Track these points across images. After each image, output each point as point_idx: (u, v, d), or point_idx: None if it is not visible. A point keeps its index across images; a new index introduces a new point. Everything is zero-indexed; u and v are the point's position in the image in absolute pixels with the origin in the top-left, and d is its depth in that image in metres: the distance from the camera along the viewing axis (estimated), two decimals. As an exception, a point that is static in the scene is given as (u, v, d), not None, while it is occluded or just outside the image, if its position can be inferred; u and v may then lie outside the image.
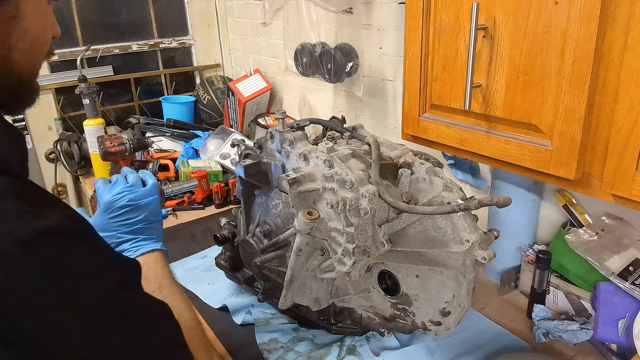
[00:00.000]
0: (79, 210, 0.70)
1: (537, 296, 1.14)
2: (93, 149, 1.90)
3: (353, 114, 1.80)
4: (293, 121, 1.10)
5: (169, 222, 1.62)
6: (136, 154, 1.84)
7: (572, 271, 1.13)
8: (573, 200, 1.19)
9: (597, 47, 0.70)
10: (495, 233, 0.90)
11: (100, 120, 1.92)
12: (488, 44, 0.84)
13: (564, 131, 0.77)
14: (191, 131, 2.22)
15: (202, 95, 2.36)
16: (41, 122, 2.15)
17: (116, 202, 0.80)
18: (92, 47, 2.17)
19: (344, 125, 1.10)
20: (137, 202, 0.82)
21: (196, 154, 2.06)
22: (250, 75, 2.23)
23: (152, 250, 0.81)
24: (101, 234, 0.67)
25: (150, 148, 1.98)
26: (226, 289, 1.26)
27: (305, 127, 1.07)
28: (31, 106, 0.63)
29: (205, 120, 2.39)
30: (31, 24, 0.57)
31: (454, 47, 0.91)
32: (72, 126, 2.21)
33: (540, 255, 1.12)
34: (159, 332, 0.59)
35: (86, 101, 1.91)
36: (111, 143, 1.72)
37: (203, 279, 1.31)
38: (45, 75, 2.12)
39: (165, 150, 2.11)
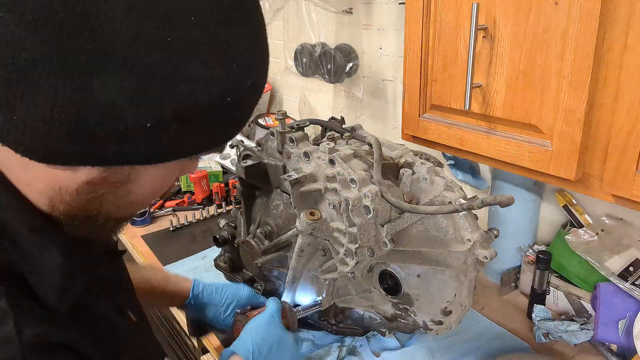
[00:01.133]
0: None
1: (537, 296, 1.15)
2: (93, 150, 1.90)
3: (353, 114, 1.80)
4: (293, 121, 1.10)
5: (169, 223, 1.62)
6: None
7: (572, 271, 1.13)
8: (573, 200, 1.19)
9: (597, 47, 0.70)
10: (495, 232, 0.90)
11: (100, 121, 1.92)
12: (488, 44, 0.84)
13: (564, 131, 0.77)
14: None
15: (202, 96, 2.36)
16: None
17: None
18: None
19: (343, 126, 1.10)
20: None
21: (196, 154, 2.06)
22: (250, 75, 2.23)
23: None
24: None
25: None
26: (226, 290, 1.26)
27: (305, 128, 1.07)
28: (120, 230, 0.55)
29: (205, 120, 2.38)
30: (140, 188, 0.47)
31: (454, 47, 0.91)
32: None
33: (540, 255, 1.12)
34: None
35: (86, 102, 1.90)
36: (111, 143, 1.72)
37: (203, 279, 1.31)
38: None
39: (165, 151, 2.11)
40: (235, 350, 0.82)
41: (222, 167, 1.93)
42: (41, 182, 0.45)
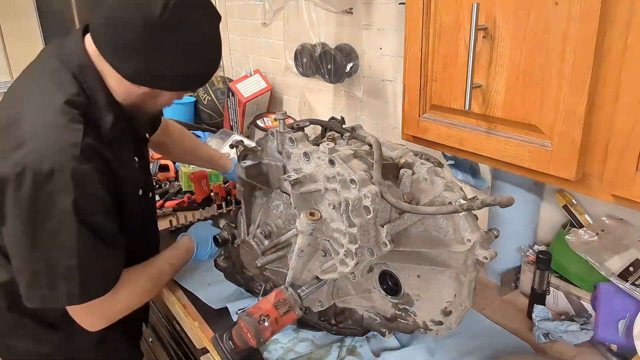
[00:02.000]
0: None
1: (537, 296, 1.15)
2: (93, 150, 1.90)
3: (353, 115, 1.80)
4: (293, 121, 1.10)
5: (169, 223, 1.62)
6: (136, 154, 1.83)
7: (572, 272, 1.13)
8: (573, 200, 1.19)
9: (597, 47, 0.70)
10: (495, 232, 0.90)
11: (100, 121, 1.92)
12: (488, 44, 0.84)
13: (564, 131, 0.77)
14: (191, 131, 2.22)
15: (202, 96, 2.36)
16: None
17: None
18: (92, 48, 2.17)
19: (343, 126, 1.10)
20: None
21: (196, 154, 2.06)
22: (251, 75, 2.23)
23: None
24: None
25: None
26: (226, 290, 1.26)
27: (305, 128, 1.07)
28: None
29: (205, 120, 2.39)
30: (160, 100, 1.01)
31: (454, 47, 0.91)
32: (72, 127, 2.20)
33: (540, 255, 1.12)
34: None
35: (86, 102, 1.90)
36: (111, 143, 1.72)
37: (203, 279, 1.32)
38: (45, 76, 2.11)
39: (165, 151, 2.10)
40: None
41: (222, 167, 1.93)
42: (122, 88, 0.96)
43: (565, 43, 0.73)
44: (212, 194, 1.77)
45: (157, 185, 1.90)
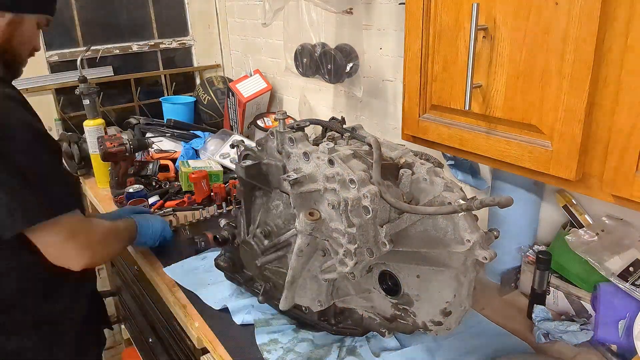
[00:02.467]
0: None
1: (537, 297, 1.14)
2: (93, 150, 1.90)
3: (353, 115, 1.80)
4: (293, 121, 1.10)
5: (169, 223, 1.61)
6: (136, 154, 1.84)
7: (573, 272, 1.13)
8: (573, 200, 1.19)
9: (597, 47, 0.70)
10: (495, 233, 0.90)
11: (101, 121, 1.92)
12: (488, 44, 0.84)
13: (564, 132, 0.77)
14: (191, 131, 2.22)
15: (202, 96, 2.36)
16: (41, 123, 2.15)
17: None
18: (92, 48, 2.17)
19: (344, 126, 1.10)
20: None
21: (196, 154, 2.06)
22: (250, 75, 2.23)
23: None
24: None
25: (150, 148, 1.98)
26: (226, 290, 1.26)
27: (305, 128, 1.07)
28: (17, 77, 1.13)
29: (205, 120, 2.39)
30: (27, 30, 1.08)
31: (454, 47, 0.91)
32: (72, 126, 2.21)
33: (540, 255, 1.12)
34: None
35: (86, 101, 1.91)
36: (111, 143, 1.72)
37: (203, 279, 1.31)
38: (45, 76, 2.12)
39: (165, 151, 2.11)
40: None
41: (223, 167, 1.93)
42: None
43: (565, 43, 0.73)
44: (212, 194, 1.77)
45: (157, 185, 1.90)
